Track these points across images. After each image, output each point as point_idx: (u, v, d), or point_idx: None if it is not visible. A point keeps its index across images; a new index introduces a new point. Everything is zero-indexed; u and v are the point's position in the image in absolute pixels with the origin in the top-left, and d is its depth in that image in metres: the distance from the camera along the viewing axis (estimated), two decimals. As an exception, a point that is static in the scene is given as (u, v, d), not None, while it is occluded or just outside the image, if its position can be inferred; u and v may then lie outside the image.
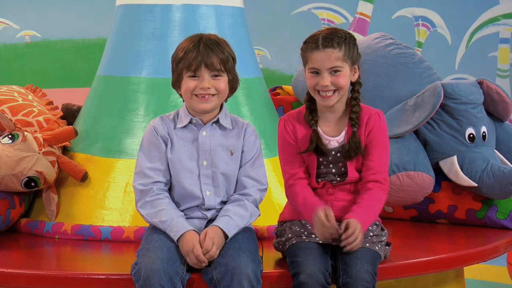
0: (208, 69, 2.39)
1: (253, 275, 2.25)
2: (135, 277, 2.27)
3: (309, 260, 2.30)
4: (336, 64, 2.40)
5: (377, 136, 2.45)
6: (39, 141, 2.89)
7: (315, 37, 2.43)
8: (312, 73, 2.42)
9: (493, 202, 3.06)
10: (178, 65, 2.41)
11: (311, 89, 2.44)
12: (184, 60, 2.39)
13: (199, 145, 2.43)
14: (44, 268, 2.58)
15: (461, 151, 3.07)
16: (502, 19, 5.94)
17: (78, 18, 5.66)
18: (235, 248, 2.31)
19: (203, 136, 2.43)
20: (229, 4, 3.04)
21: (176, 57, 2.42)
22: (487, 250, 2.78)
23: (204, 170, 2.42)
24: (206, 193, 2.42)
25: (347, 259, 2.32)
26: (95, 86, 3.11)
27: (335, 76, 2.41)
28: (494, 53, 5.98)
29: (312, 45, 2.42)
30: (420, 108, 3.08)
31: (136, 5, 3.02)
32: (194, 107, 2.42)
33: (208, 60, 2.38)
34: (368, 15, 6.00)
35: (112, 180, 2.87)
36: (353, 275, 2.28)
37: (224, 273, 2.25)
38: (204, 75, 2.39)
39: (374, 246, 2.39)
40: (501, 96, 3.16)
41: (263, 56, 5.90)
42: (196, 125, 2.44)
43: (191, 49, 2.39)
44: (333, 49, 2.39)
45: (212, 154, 2.42)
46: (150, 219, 2.39)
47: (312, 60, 2.41)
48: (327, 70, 2.40)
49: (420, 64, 3.30)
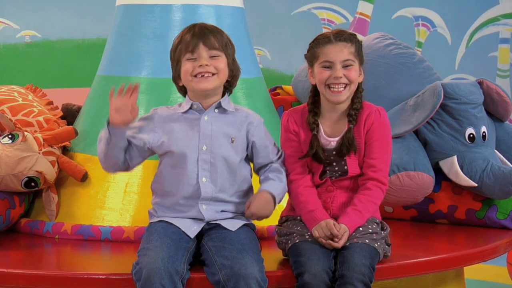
0: (206, 46, 2.38)
1: (259, 275, 2.25)
2: (135, 276, 2.27)
3: (313, 260, 2.30)
4: (349, 58, 2.43)
5: (377, 133, 2.45)
6: (39, 141, 2.89)
7: (325, 34, 2.45)
8: (324, 67, 2.42)
9: (493, 202, 3.06)
10: (175, 53, 2.40)
11: (322, 84, 2.43)
12: (181, 44, 2.39)
13: (200, 129, 2.41)
14: (44, 268, 2.57)
15: (461, 151, 3.07)
16: (502, 19, 5.94)
17: (78, 18, 5.66)
18: (239, 249, 2.31)
19: (205, 121, 2.41)
20: (229, 4, 3.04)
21: (172, 47, 2.42)
22: (487, 250, 2.78)
23: (202, 155, 2.39)
24: (202, 179, 2.39)
25: (346, 253, 2.33)
26: (95, 86, 3.11)
27: (347, 70, 2.42)
28: (494, 53, 5.98)
29: (324, 40, 2.43)
30: (420, 108, 3.08)
31: (136, 5, 3.03)
32: (195, 88, 2.40)
33: (205, 38, 2.38)
34: (368, 15, 6.00)
35: (112, 180, 2.87)
36: (350, 267, 2.29)
37: (230, 275, 2.25)
38: (202, 53, 2.38)
39: (373, 243, 2.40)
40: (501, 96, 3.16)
41: (263, 56, 5.90)
42: (197, 110, 2.43)
43: (187, 31, 2.40)
44: (346, 43, 2.43)
45: (212, 139, 2.40)
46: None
47: (325, 53, 2.42)
48: (340, 63, 2.42)
49: (420, 64, 3.30)
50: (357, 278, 2.27)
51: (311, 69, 2.48)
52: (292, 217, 2.50)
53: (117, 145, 2.36)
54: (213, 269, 2.30)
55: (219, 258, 2.29)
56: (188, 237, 2.36)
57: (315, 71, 2.45)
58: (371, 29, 5.94)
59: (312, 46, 2.46)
